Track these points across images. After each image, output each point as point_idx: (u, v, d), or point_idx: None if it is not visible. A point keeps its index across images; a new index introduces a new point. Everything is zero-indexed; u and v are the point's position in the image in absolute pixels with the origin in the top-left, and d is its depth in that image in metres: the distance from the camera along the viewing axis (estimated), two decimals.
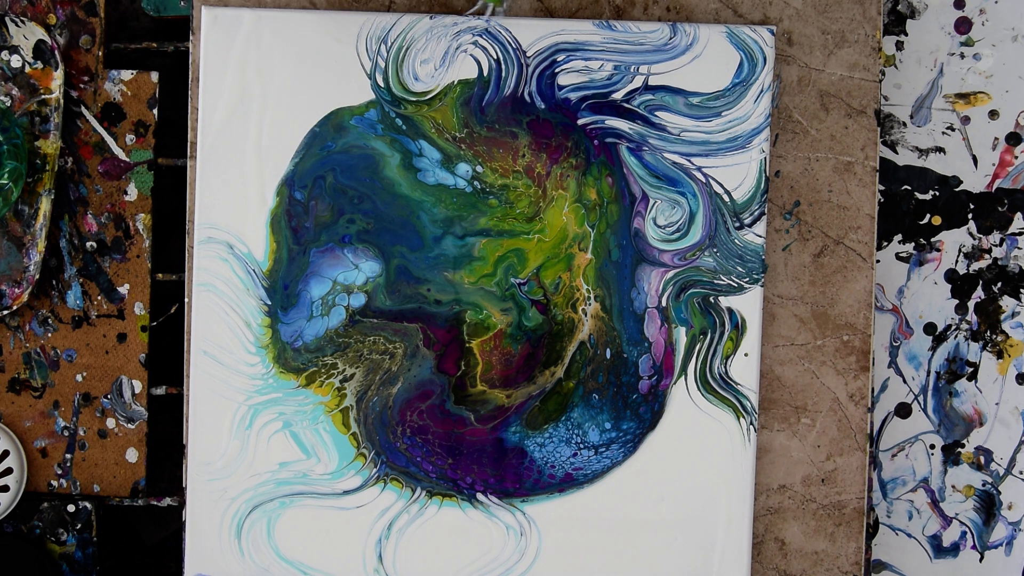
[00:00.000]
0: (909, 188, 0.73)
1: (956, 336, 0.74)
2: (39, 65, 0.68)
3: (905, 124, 0.73)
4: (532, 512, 0.67)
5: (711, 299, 0.66)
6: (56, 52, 0.68)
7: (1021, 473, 0.74)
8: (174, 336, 0.73)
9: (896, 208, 0.73)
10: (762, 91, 0.66)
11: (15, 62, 0.68)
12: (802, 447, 0.69)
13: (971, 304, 0.73)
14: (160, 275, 0.71)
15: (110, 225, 0.70)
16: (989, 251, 0.73)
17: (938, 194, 0.73)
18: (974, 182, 0.73)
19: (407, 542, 0.67)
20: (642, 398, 0.66)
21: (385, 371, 0.66)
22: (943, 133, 0.73)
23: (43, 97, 0.68)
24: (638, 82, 0.66)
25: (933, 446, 0.74)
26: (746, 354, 0.66)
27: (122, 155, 0.70)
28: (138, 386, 0.70)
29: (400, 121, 0.66)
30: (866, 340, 0.68)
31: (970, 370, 0.74)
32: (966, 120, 0.73)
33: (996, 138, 0.73)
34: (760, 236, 0.66)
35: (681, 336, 0.66)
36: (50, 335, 0.70)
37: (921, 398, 0.74)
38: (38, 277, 0.68)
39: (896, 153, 0.73)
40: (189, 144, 0.67)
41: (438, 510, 0.67)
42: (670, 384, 0.66)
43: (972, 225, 0.73)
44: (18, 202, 0.68)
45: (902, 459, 0.74)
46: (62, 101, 0.68)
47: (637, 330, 0.66)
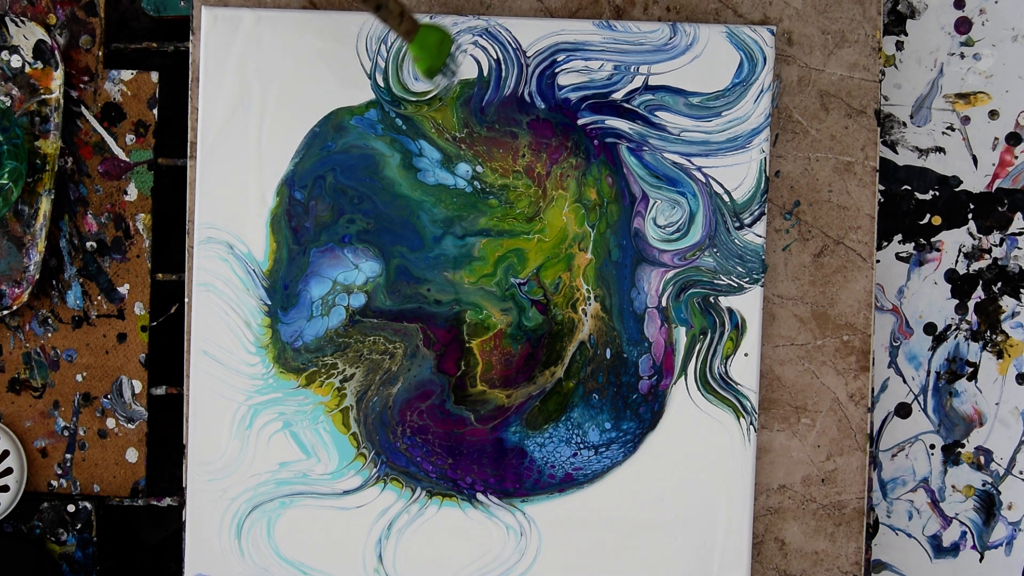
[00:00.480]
0: (909, 188, 0.73)
1: (956, 336, 0.74)
2: (39, 65, 0.68)
3: (905, 124, 0.73)
4: (532, 512, 0.67)
5: (711, 299, 0.66)
6: (56, 52, 0.68)
7: (1021, 473, 0.74)
8: (174, 336, 0.73)
9: (896, 208, 0.73)
10: (762, 91, 0.66)
11: (15, 62, 0.68)
12: (802, 447, 0.69)
13: (971, 304, 0.73)
14: (160, 275, 0.71)
15: (110, 225, 0.70)
16: (989, 251, 0.73)
17: (938, 194, 0.73)
18: (974, 182, 0.73)
19: (407, 542, 0.67)
20: (642, 398, 0.66)
21: (385, 371, 0.66)
22: (943, 133, 0.73)
23: (43, 97, 0.68)
24: (638, 82, 0.66)
25: (933, 446, 0.74)
26: (746, 354, 0.66)
27: (122, 155, 0.70)
28: (138, 386, 0.70)
29: (400, 121, 0.66)
30: (866, 340, 0.68)
31: (970, 370, 0.74)
32: (966, 120, 0.73)
33: (996, 138, 0.73)
34: (760, 236, 0.66)
35: (681, 336, 0.66)
36: (50, 335, 0.70)
37: (921, 398, 0.74)
38: (38, 277, 0.68)
39: (896, 153, 0.73)
40: (189, 144, 0.67)
41: (438, 510, 0.67)
42: (670, 384, 0.66)
43: (972, 225, 0.73)
44: (18, 202, 0.68)
45: (902, 459, 0.74)
46: (62, 101, 0.68)
47: (637, 330, 0.66)
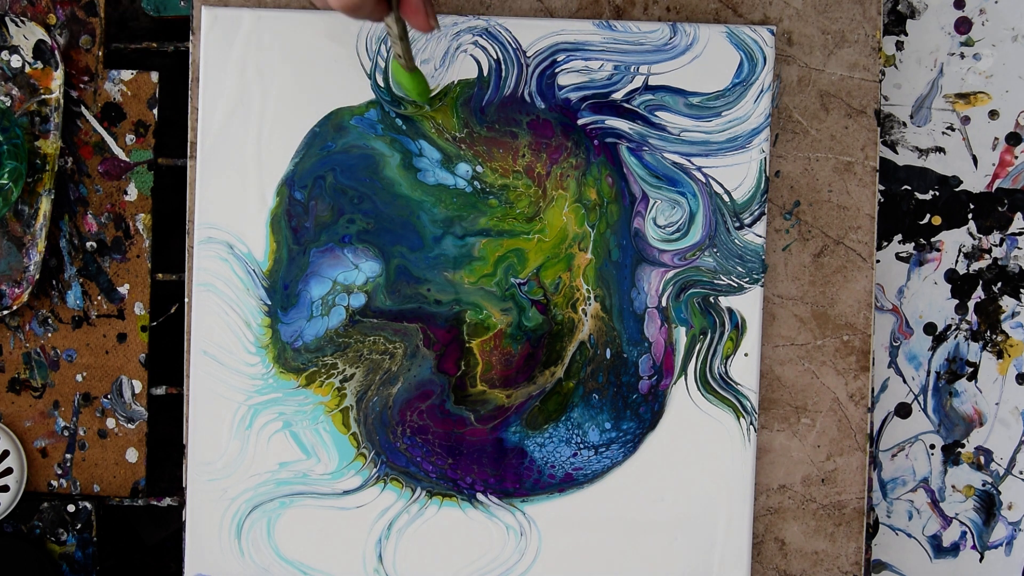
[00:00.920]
0: (909, 188, 0.73)
1: (956, 336, 0.74)
2: (39, 65, 0.68)
3: (905, 124, 0.73)
4: (532, 512, 0.67)
5: (711, 299, 0.66)
6: (56, 52, 0.68)
7: (1021, 473, 0.74)
8: (174, 336, 0.73)
9: (896, 208, 0.73)
10: (762, 91, 0.66)
11: (15, 62, 0.68)
12: (802, 447, 0.69)
13: (971, 304, 0.73)
14: (160, 275, 0.71)
15: (110, 225, 0.70)
16: (989, 251, 0.73)
17: (938, 194, 0.73)
18: (974, 182, 0.73)
19: (407, 542, 0.67)
20: (642, 398, 0.66)
21: (385, 371, 0.66)
22: (943, 133, 0.73)
23: (43, 97, 0.68)
24: (638, 82, 0.66)
25: (933, 446, 0.74)
26: (746, 354, 0.66)
27: (122, 155, 0.70)
28: (138, 386, 0.70)
29: (400, 121, 0.66)
30: (866, 340, 0.68)
31: (970, 370, 0.74)
32: (966, 120, 0.73)
33: (996, 138, 0.73)
34: (760, 236, 0.66)
35: (681, 336, 0.66)
36: (50, 335, 0.70)
37: (921, 398, 0.74)
38: (38, 277, 0.68)
39: (896, 153, 0.73)
40: (189, 144, 0.67)
41: (438, 510, 0.67)
42: (670, 384, 0.66)
43: (972, 225, 0.73)
44: (18, 202, 0.68)
45: (902, 459, 0.74)
46: (62, 101, 0.68)
47: (637, 330, 0.66)
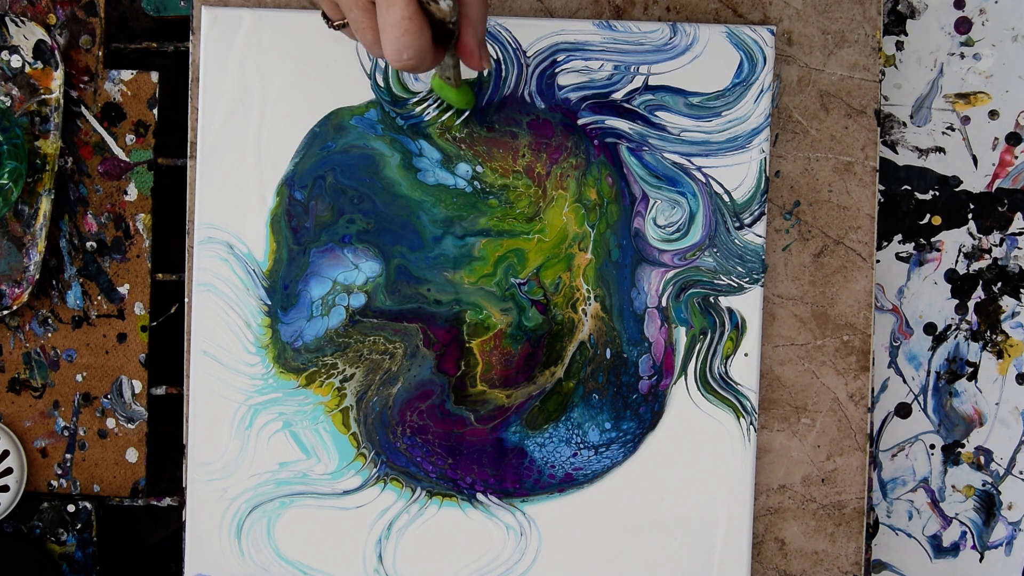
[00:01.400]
0: (909, 188, 0.73)
1: (956, 336, 0.74)
2: (39, 65, 0.68)
3: (905, 124, 0.73)
4: (532, 512, 0.67)
5: (711, 299, 0.66)
6: (56, 52, 0.68)
7: (1021, 473, 0.74)
8: (174, 336, 0.73)
9: (896, 208, 0.73)
10: (762, 91, 0.66)
11: (15, 62, 0.68)
12: (802, 447, 0.69)
13: (971, 304, 0.73)
14: (160, 275, 0.71)
15: (110, 225, 0.70)
16: (989, 251, 0.73)
17: (938, 194, 0.73)
18: (974, 182, 0.73)
19: (407, 542, 0.67)
20: (642, 398, 0.66)
21: (385, 371, 0.66)
22: (943, 133, 0.73)
23: (43, 97, 0.68)
24: (638, 82, 0.66)
25: (933, 446, 0.74)
26: (746, 354, 0.66)
27: (122, 155, 0.70)
28: (138, 386, 0.70)
29: (400, 121, 0.66)
30: (866, 340, 0.68)
31: (970, 370, 0.74)
32: (966, 120, 0.73)
33: (996, 138, 0.73)
34: (760, 236, 0.66)
35: (681, 336, 0.66)
36: (50, 335, 0.70)
37: (921, 398, 0.74)
38: (38, 277, 0.68)
39: (896, 153, 0.73)
40: (189, 144, 0.67)
41: (438, 510, 0.67)
42: (670, 384, 0.66)
43: (972, 225, 0.73)
44: (18, 202, 0.68)
45: (902, 459, 0.74)
46: (62, 101, 0.68)
47: (637, 330, 0.66)
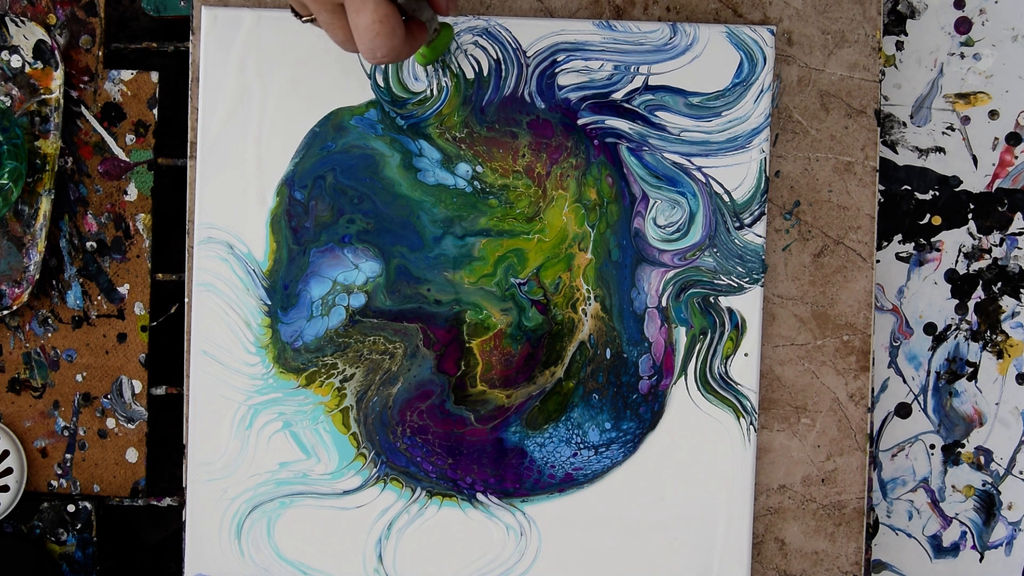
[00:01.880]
0: (909, 188, 0.73)
1: (956, 336, 0.74)
2: (39, 65, 0.68)
3: (905, 124, 0.73)
4: (532, 512, 0.67)
5: (711, 299, 0.66)
6: (56, 52, 0.68)
7: (1021, 473, 0.74)
8: (174, 336, 0.73)
9: (896, 208, 0.73)
10: (762, 91, 0.66)
11: (15, 62, 0.68)
12: (802, 447, 0.69)
13: (971, 304, 0.73)
14: (160, 275, 0.71)
15: (110, 225, 0.70)
16: (989, 251, 0.73)
17: (938, 194, 0.73)
18: (974, 182, 0.73)
19: (407, 542, 0.67)
20: (642, 398, 0.66)
21: (385, 371, 0.66)
22: (943, 133, 0.73)
23: (43, 97, 0.68)
24: (638, 82, 0.66)
25: (933, 446, 0.74)
26: (746, 354, 0.66)
27: (122, 155, 0.70)
28: (138, 386, 0.70)
29: (400, 121, 0.66)
30: (866, 340, 0.68)
31: (970, 370, 0.74)
32: (966, 120, 0.73)
33: (996, 138, 0.73)
34: (760, 236, 0.66)
35: (681, 336, 0.66)
36: (50, 335, 0.70)
37: (921, 398, 0.74)
38: (38, 277, 0.68)
39: (896, 153, 0.73)
40: (189, 144, 0.67)
41: (438, 510, 0.67)
42: (670, 384, 0.66)
43: (972, 225, 0.73)
44: (18, 202, 0.68)
45: (902, 459, 0.74)
46: (62, 101, 0.68)
47: (637, 330, 0.66)
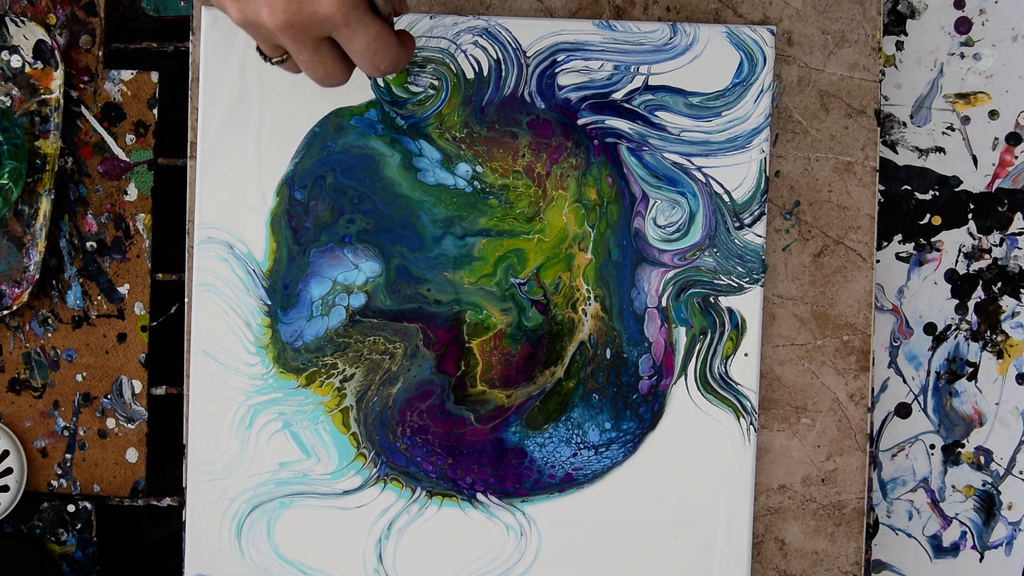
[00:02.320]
0: (909, 188, 0.73)
1: (956, 336, 0.74)
2: (39, 65, 0.68)
3: (905, 124, 0.73)
4: (532, 512, 0.67)
5: (711, 299, 0.66)
6: (56, 52, 0.68)
7: (1021, 473, 0.74)
8: (174, 336, 0.73)
9: (896, 208, 0.73)
10: (762, 91, 0.66)
11: (15, 62, 0.68)
12: (802, 447, 0.69)
13: (971, 304, 0.73)
14: (160, 275, 0.71)
15: (110, 225, 0.70)
16: (989, 251, 0.73)
17: (938, 194, 0.73)
18: (974, 182, 0.73)
19: (407, 542, 0.67)
20: (642, 398, 0.66)
21: (385, 371, 0.66)
22: (943, 133, 0.73)
23: (43, 97, 0.68)
24: (638, 82, 0.66)
25: (933, 446, 0.74)
26: (746, 354, 0.66)
27: (122, 155, 0.70)
28: (138, 386, 0.70)
29: (400, 121, 0.66)
30: (866, 340, 0.68)
31: (970, 370, 0.74)
32: (966, 120, 0.73)
33: (996, 138, 0.73)
34: (760, 236, 0.66)
35: (681, 336, 0.66)
36: (50, 335, 0.70)
37: (921, 398, 0.74)
38: (38, 277, 0.68)
39: (896, 153, 0.73)
40: (189, 144, 0.67)
41: (438, 510, 0.67)
42: (670, 384, 0.66)
43: (972, 225, 0.73)
44: (18, 202, 0.68)
45: (902, 459, 0.74)
46: (62, 101, 0.68)
47: (637, 330, 0.66)
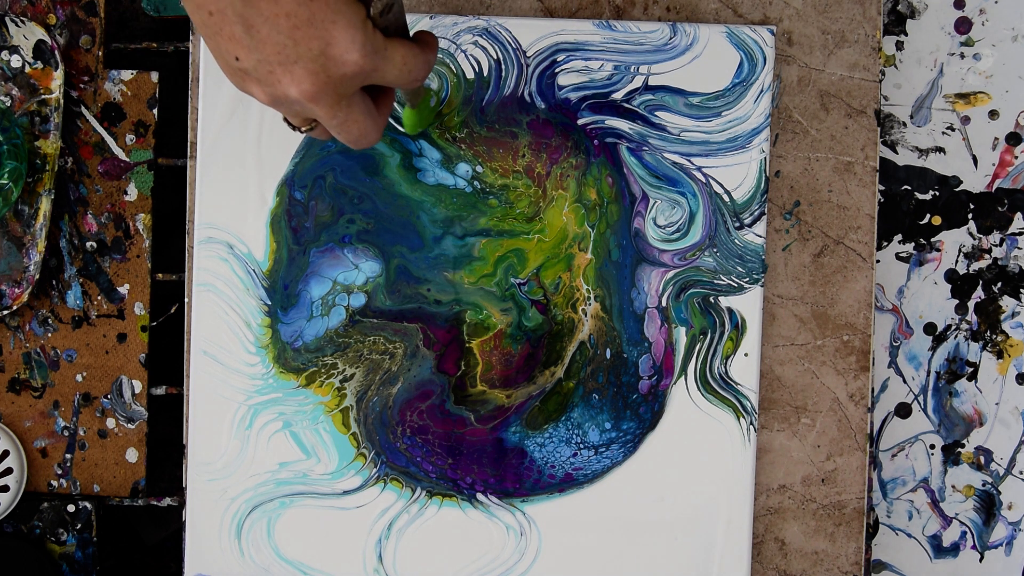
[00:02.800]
0: (909, 188, 0.73)
1: (956, 336, 0.74)
2: (39, 65, 0.68)
3: (905, 124, 0.73)
4: (532, 512, 0.67)
5: (711, 299, 0.66)
6: (56, 52, 0.68)
7: (1021, 473, 0.74)
8: (174, 336, 0.73)
9: (896, 208, 0.73)
10: (762, 91, 0.66)
11: (15, 62, 0.68)
12: (802, 447, 0.69)
13: (971, 304, 0.73)
14: (160, 275, 0.71)
15: (110, 225, 0.70)
16: (989, 251, 0.73)
17: (938, 194, 0.73)
18: (974, 182, 0.73)
19: (407, 542, 0.67)
20: (642, 398, 0.66)
21: (385, 371, 0.66)
22: (943, 133, 0.73)
23: (43, 97, 0.68)
24: (638, 82, 0.66)
25: (933, 446, 0.74)
26: (746, 354, 0.66)
27: (122, 155, 0.70)
28: (138, 386, 0.70)
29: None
30: (866, 340, 0.68)
31: (970, 370, 0.74)
32: (966, 120, 0.73)
33: (996, 138, 0.73)
34: (760, 236, 0.66)
35: (681, 336, 0.66)
36: (50, 335, 0.70)
37: (921, 398, 0.74)
38: (38, 277, 0.68)
39: (896, 153, 0.73)
40: (189, 144, 0.67)
41: (438, 510, 0.67)
42: (670, 384, 0.66)
43: (972, 225, 0.73)
44: (18, 202, 0.68)
45: (902, 459, 0.74)
46: (62, 101, 0.68)
47: (637, 330, 0.66)
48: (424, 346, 0.66)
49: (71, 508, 0.70)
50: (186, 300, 0.68)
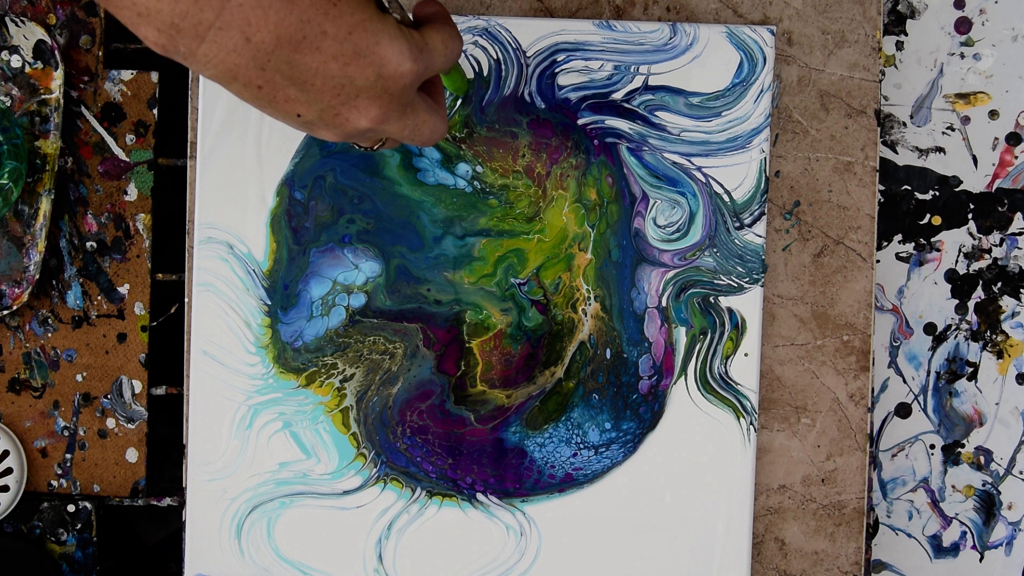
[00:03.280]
0: (909, 188, 0.73)
1: (956, 336, 0.74)
2: (39, 65, 0.68)
3: (905, 124, 0.73)
4: (532, 512, 0.67)
5: (711, 299, 0.66)
6: (56, 52, 0.68)
7: (1021, 473, 0.74)
8: (174, 336, 0.73)
9: (896, 208, 0.73)
10: (762, 91, 0.66)
11: (15, 62, 0.68)
12: (802, 447, 0.69)
13: (971, 304, 0.73)
14: (160, 275, 0.71)
15: (110, 225, 0.70)
16: (989, 251, 0.73)
17: (938, 194, 0.73)
18: (974, 182, 0.73)
19: (407, 542, 0.67)
20: (642, 398, 0.66)
21: (385, 371, 0.66)
22: (943, 133, 0.73)
23: (43, 97, 0.68)
24: (638, 82, 0.66)
25: (933, 446, 0.74)
26: (746, 354, 0.66)
27: (122, 155, 0.70)
28: (138, 386, 0.70)
29: None
30: (866, 340, 0.68)
31: (970, 370, 0.74)
32: (966, 120, 0.73)
33: (996, 138, 0.73)
34: (760, 236, 0.66)
35: (681, 336, 0.66)
36: (50, 335, 0.70)
37: (921, 398, 0.74)
38: (38, 277, 0.68)
39: (896, 153, 0.73)
40: (189, 144, 0.67)
41: (438, 510, 0.67)
42: (670, 384, 0.66)
43: (972, 225, 0.73)
44: (18, 202, 0.68)
45: (902, 459, 0.74)
46: (62, 101, 0.68)
47: (637, 330, 0.66)
48: (424, 346, 0.66)
49: (71, 508, 0.70)
50: (186, 300, 0.68)
